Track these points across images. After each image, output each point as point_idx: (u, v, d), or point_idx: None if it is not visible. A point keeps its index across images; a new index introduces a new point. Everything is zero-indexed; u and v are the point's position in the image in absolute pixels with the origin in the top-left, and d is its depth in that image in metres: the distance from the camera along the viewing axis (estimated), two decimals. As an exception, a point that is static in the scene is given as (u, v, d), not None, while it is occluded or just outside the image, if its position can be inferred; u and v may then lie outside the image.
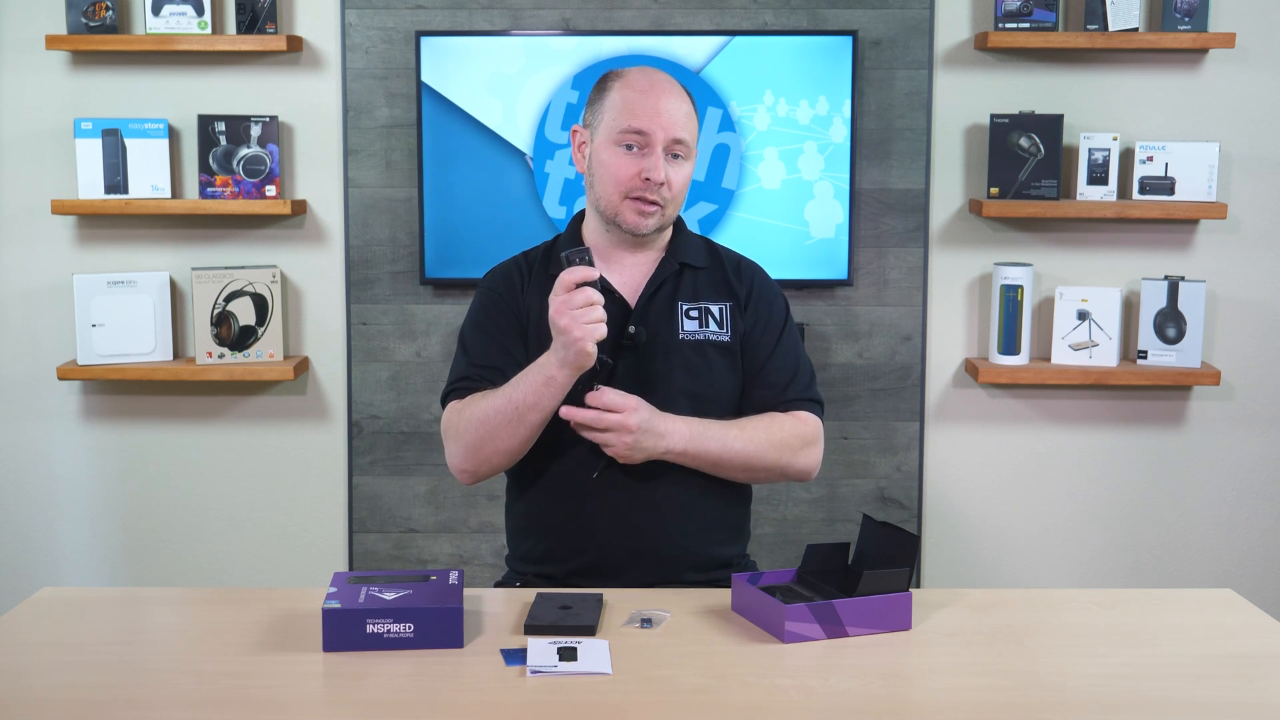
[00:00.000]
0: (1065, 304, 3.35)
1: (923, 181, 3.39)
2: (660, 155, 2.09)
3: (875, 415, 3.45)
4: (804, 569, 1.93)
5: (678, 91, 2.13)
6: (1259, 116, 3.37)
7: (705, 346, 2.15)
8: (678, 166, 2.11)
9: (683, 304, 2.16)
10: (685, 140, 2.11)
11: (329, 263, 3.43)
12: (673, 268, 2.18)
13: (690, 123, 2.13)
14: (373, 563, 3.50)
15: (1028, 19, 3.26)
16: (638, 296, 2.16)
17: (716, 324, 2.16)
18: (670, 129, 2.09)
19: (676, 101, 2.11)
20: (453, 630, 1.75)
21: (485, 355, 2.14)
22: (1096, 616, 1.92)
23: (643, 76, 2.13)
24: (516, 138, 3.32)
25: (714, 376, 2.13)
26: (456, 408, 2.10)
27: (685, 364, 2.12)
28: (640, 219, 2.11)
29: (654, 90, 2.11)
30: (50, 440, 3.49)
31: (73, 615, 1.92)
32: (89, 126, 3.31)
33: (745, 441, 2.09)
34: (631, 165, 2.09)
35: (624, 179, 2.09)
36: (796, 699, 1.62)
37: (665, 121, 2.08)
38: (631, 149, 2.09)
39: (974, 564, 3.51)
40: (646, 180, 2.08)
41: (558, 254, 2.13)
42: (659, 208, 2.11)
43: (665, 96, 2.10)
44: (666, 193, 2.10)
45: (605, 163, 2.11)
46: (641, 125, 2.08)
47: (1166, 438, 3.47)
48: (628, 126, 2.08)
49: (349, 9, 3.34)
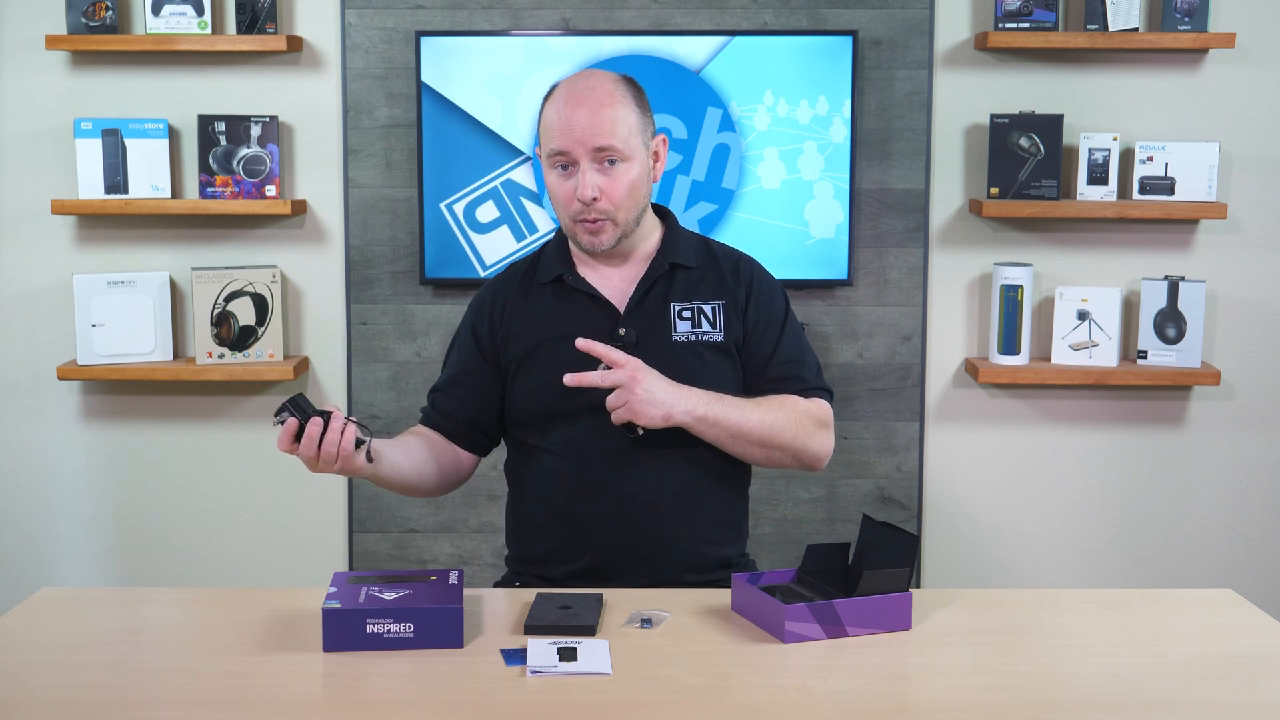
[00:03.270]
0: (1065, 304, 3.35)
1: (923, 181, 3.39)
2: (587, 171, 2.05)
3: (875, 415, 3.45)
4: (804, 569, 1.93)
5: (598, 97, 2.06)
6: (1259, 116, 3.37)
7: (699, 347, 2.14)
8: (613, 173, 2.06)
9: (675, 305, 2.15)
10: (611, 145, 2.05)
11: (329, 263, 3.43)
12: (663, 268, 2.16)
13: (620, 127, 2.05)
14: (373, 563, 3.50)
15: (1028, 19, 3.26)
16: (627, 300, 2.15)
17: (709, 323, 2.15)
18: (589, 140, 2.04)
19: (593, 109, 2.05)
20: (453, 630, 1.75)
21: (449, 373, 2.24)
22: (1096, 616, 1.92)
23: (566, 89, 2.09)
24: (516, 138, 3.32)
25: (709, 377, 2.12)
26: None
27: (680, 366, 2.10)
28: (593, 239, 2.10)
29: (571, 102, 2.06)
30: (50, 440, 3.49)
31: (73, 615, 1.92)
32: (89, 126, 3.31)
33: (763, 414, 2.08)
34: (567, 188, 2.08)
35: (564, 203, 2.09)
36: (796, 699, 1.62)
37: (581, 134, 2.04)
38: (565, 169, 2.08)
39: (974, 564, 3.51)
40: (580, 201, 2.06)
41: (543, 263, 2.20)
42: (606, 221, 2.08)
43: (580, 108, 2.05)
44: (606, 205, 2.07)
45: (550, 188, 2.12)
46: (559, 145, 2.06)
47: (1166, 438, 3.47)
48: (550, 150, 2.07)
49: (349, 9, 3.34)
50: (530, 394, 2.14)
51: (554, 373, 2.05)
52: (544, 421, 2.13)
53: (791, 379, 2.16)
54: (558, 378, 2.03)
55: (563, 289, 2.17)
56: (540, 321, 2.16)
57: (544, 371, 2.11)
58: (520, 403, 2.16)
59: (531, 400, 2.14)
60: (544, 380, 2.10)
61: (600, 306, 2.14)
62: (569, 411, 2.10)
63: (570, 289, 2.16)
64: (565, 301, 2.16)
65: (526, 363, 2.15)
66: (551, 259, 2.20)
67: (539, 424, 2.13)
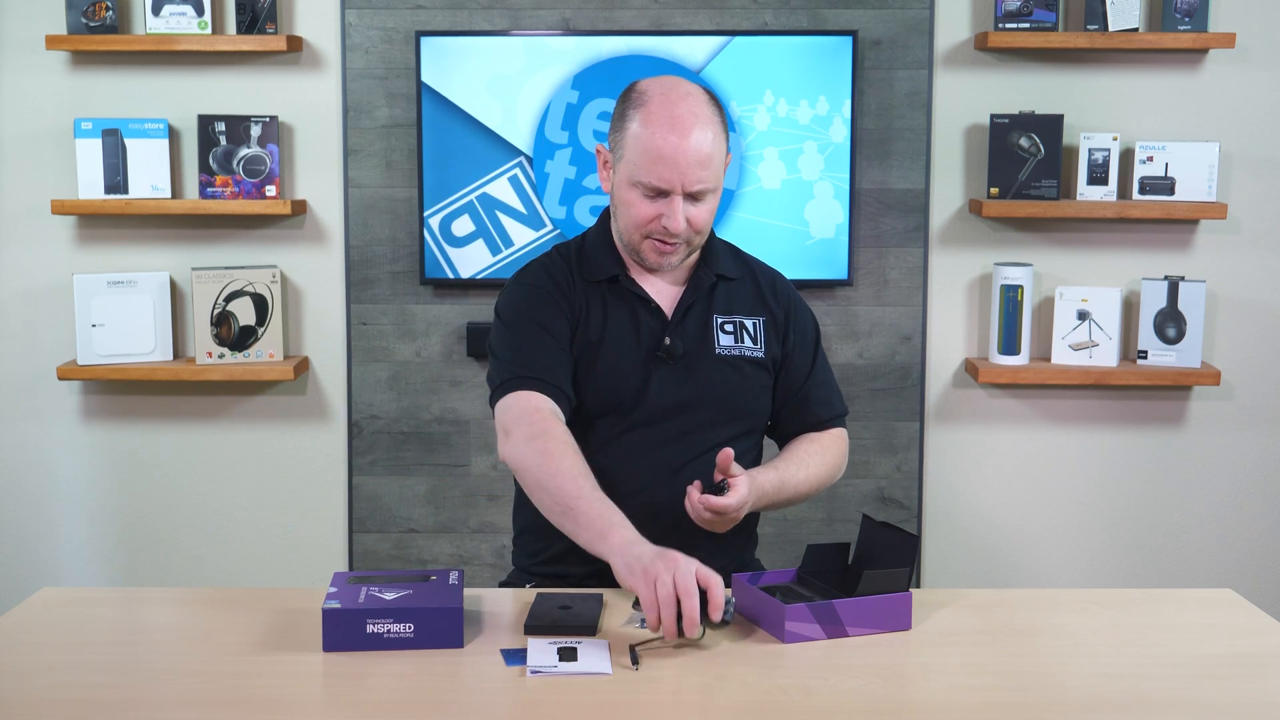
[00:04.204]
0: (1065, 304, 3.35)
1: (923, 181, 3.39)
2: (679, 204, 2.02)
3: (875, 415, 3.45)
4: (804, 569, 1.93)
5: (700, 123, 2.00)
6: (1259, 116, 3.37)
7: (741, 362, 2.14)
8: (700, 204, 2.04)
9: (717, 318, 2.15)
10: (706, 184, 2.02)
11: (329, 263, 3.43)
12: (709, 280, 2.15)
13: (714, 160, 2.02)
14: (373, 563, 3.50)
15: (1028, 19, 3.26)
16: (674, 307, 2.14)
17: (751, 339, 2.15)
18: (689, 181, 2.00)
19: (697, 141, 1.99)
20: (453, 630, 1.75)
21: (547, 353, 2.07)
22: (1096, 616, 1.92)
23: (664, 109, 2.00)
24: (516, 138, 3.32)
25: (748, 392, 2.13)
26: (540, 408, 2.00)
27: (721, 379, 2.11)
28: (660, 258, 2.08)
29: (674, 132, 1.99)
30: (50, 440, 3.49)
31: (73, 615, 1.92)
32: (89, 126, 3.31)
33: (808, 477, 2.14)
34: (651, 209, 2.04)
35: (643, 221, 2.05)
36: (796, 699, 1.62)
37: (683, 173, 1.99)
38: (651, 196, 2.03)
39: (974, 564, 3.51)
40: (665, 228, 2.04)
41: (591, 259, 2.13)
42: (681, 244, 2.07)
43: (685, 141, 1.98)
44: (689, 233, 2.05)
45: (626, 201, 2.06)
46: (657, 182, 2.01)
47: (1166, 438, 3.47)
48: (644, 181, 2.01)
49: (349, 9, 3.34)
50: (579, 387, 2.09)
51: (605, 370, 2.07)
52: (591, 419, 2.10)
53: (824, 402, 2.22)
54: (609, 376, 2.06)
55: (616, 289, 2.13)
56: (599, 316, 2.12)
57: (597, 367, 2.09)
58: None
59: (580, 393, 2.09)
60: (595, 376, 2.09)
61: (651, 312, 2.12)
62: (618, 410, 2.08)
63: (624, 290, 2.13)
64: (619, 302, 2.13)
65: (585, 355, 2.10)
66: (601, 257, 2.14)
67: (583, 420, 2.10)
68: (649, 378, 2.09)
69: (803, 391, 2.20)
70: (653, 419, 2.08)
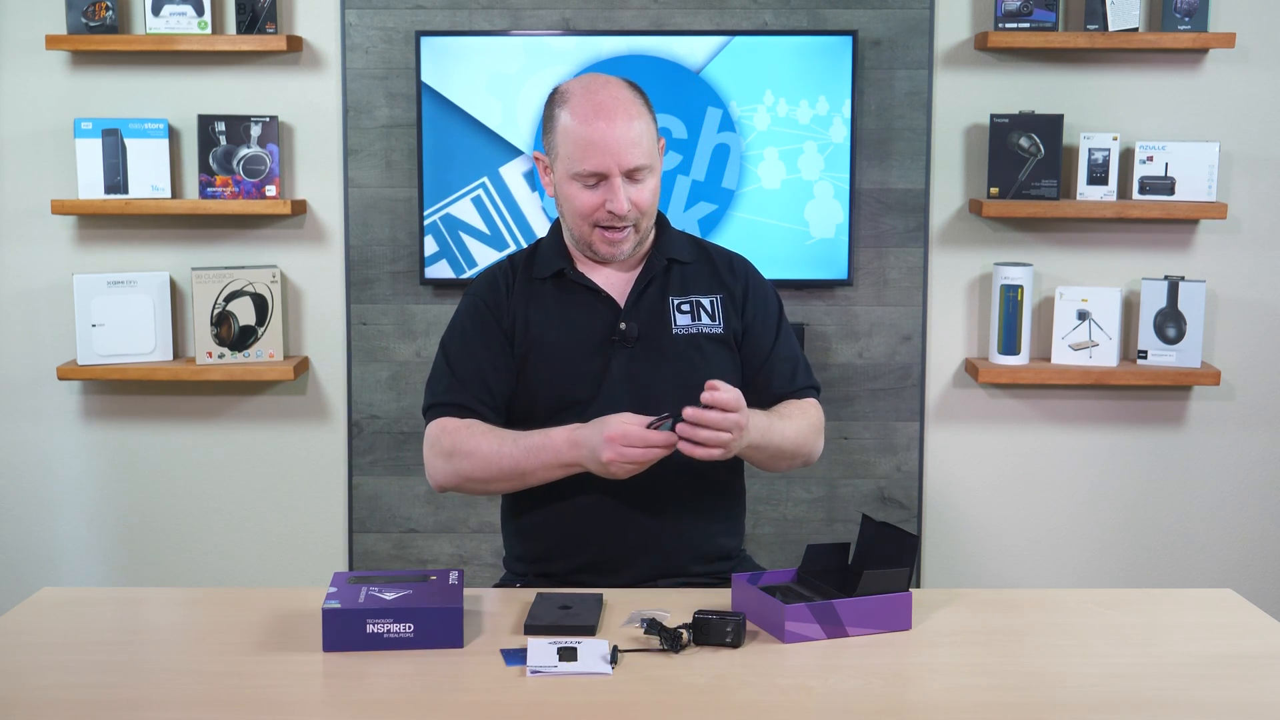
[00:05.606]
0: (1065, 304, 3.35)
1: (923, 181, 3.39)
2: (619, 186, 2.06)
3: (875, 415, 3.45)
4: (804, 569, 1.93)
5: (624, 108, 2.07)
6: (1259, 116, 3.37)
7: (699, 340, 2.16)
8: (640, 184, 2.08)
9: (673, 299, 2.17)
10: (643, 164, 2.07)
11: (329, 263, 3.43)
12: (660, 264, 2.18)
13: (645, 139, 2.07)
14: (373, 563, 3.50)
15: (1028, 19, 3.26)
16: (626, 294, 2.16)
17: (709, 316, 2.17)
18: (625, 159, 2.05)
19: (624, 125, 2.05)
20: (453, 630, 1.75)
21: (474, 371, 2.14)
22: (1096, 616, 1.92)
23: (587, 100, 2.07)
24: (516, 138, 3.33)
25: (711, 369, 2.12)
26: (449, 427, 2.09)
27: (681, 359, 2.13)
28: (611, 248, 2.12)
29: (600, 118, 2.05)
30: (50, 440, 3.49)
31: (73, 615, 1.92)
32: (89, 126, 3.31)
33: (795, 430, 2.12)
34: (594, 198, 2.08)
35: (588, 211, 2.09)
36: (796, 699, 1.62)
37: (617, 154, 2.05)
38: (591, 184, 2.08)
39: (974, 564, 3.51)
40: (610, 212, 2.07)
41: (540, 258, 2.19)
42: (629, 229, 2.11)
43: (613, 124, 2.05)
44: (634, 214, 2.09)
45: (568, 196, 2.11)
46: (593, 167, 2.06)
47: (1166, 438, 3.47)
48: (582, 170, 2.06)
49: (349, 9, 3.34)
50: (535, 387, 2.14)
51: (558, 366, 2.11)
52: (549, 415, 2.12)
53: (790, 375, 2.20)
54: (562, 371, 2.10)
55: (563, 283, 2.18)
56: (543, 314, 2.16)
57: (549, 365, 2.13)
58: (525, 395, 2.16)
59: (537, 393, 2.14)
60: (549, 373, 2.13)
61: (602, 301, 2.16)
62: (575, 404, 2.10)
63: (571, 283, 2.17)
64: (567, 296, 2.17)
65: (532, 355, 2.15)
66: (549, 254, 2.20)
67: (543, 417, 2.12)
68: (608, 365, 2.12)
69: (768, 364, 2.19)
70: (617, 405, 2.06)
